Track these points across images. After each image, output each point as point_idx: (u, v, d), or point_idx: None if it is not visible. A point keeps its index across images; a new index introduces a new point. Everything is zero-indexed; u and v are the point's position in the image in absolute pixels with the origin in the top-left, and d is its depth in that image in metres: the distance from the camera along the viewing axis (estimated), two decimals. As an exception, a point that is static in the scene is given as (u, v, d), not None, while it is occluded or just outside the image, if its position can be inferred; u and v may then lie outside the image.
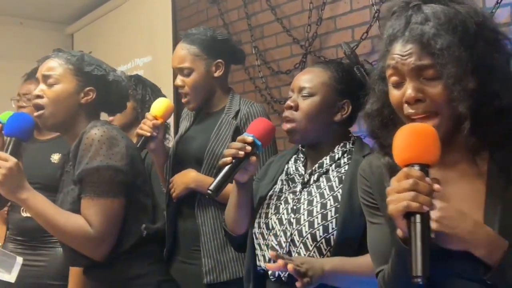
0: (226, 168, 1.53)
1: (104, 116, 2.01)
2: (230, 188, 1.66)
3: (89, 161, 1.61)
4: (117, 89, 1.82)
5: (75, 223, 1.61)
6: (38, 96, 1.72)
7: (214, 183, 1.52)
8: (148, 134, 1.98)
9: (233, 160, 1.53)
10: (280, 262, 1.37)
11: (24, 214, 2.54)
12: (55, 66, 1.74)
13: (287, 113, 1.62)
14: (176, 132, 2.77)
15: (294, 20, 3.25)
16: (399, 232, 1.04)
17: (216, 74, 2.07)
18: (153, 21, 4.48)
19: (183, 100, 2.10)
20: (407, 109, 1.11)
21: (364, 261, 1.43)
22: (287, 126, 1.62)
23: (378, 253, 1.25)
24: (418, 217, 0.99)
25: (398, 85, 1.12)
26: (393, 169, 1.12)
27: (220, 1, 3.76)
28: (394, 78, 1.13)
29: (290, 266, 1.35)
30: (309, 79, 1.62)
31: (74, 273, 2.16)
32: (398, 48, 1.10)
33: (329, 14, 3.02)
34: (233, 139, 1.97)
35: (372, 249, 1.30)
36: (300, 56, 3.18)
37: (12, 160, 1.56)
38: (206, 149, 2.00)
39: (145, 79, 2.75)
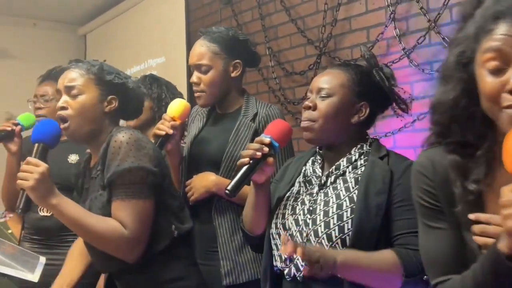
0: (244, 168, 1.54)
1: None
2: (247, 189, 1.67)
3: (120, 163, 1.60)
4: (135, 95, 1.84)
5: (109, 225, 1.59)
6: (63, 108, 1.71)
7: (232, 184, 1.53)
8: (170, 132, 1.97)
9: (251, 161, 1.54)
10: (290, 244, 1.33)
11: (41, 213, 2.57)
12: (77, 76, 1.74)
13: (305, 113, 1.62)
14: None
15: (308, 21, 3.25)
16: (502, 247, 0.93)
17: (233, 74, 2.07)
18: (166, 22, 4.50)
19: (196, 94, 2.09)
20: (508, 101, 0.97)
21: (378, 256, 1.43)
22: (304, 124, 1.62)
23: (438, 262, 1.15)
24: None
25: (498, 72, 0.99)
26: (463, 170, 1.03)
27: (234, 2, 3.77)
28: (493, 63, 0.99)
29: (299, 251, 1.32)
30: (327, 80, 1.62)
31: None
32: (506, 29, 0.97)
33: (344, 15, 3.02)
34: (252, 142, 1.98)
35: (429, 256, 1.19)
36: (314, 57, 3.19)
37: (43, 165, 1.55)
38: (225, 152, 1.99)
39: (160, 77, 2.75)
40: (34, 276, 1.39)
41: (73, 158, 2.61)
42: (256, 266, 1.95)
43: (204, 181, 2.01)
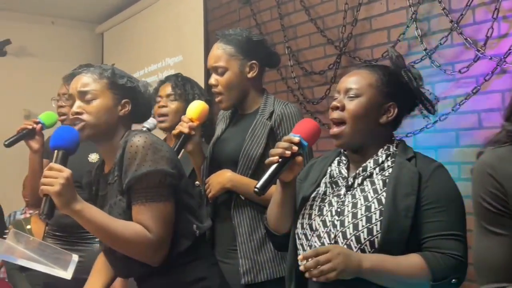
0: (273, 167, 1.54)
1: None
2: (272, 189, 1.68)
3: (138, 168, 1.61)
4: (145, 99, 1.85)
5: (134, 230, 1.59)
6: (78, 113, 1.71)
7: (261, 182, 1.53)
8: (186, 131, 1.99)
9: (280, 160, 1.55)
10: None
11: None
12: (90, 81, 1.74)
13: (334, 114, 1.62)
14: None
15: (328, 21, 3.25)
16: None
17: (249, 75, 2.08)
18: (184, 21, 4.51)
19: (216, 99, 2.12)
20: None
21: (405, 261, 1.43)
22: (334, 130, 1.62)
23: (495, 269, 1.13)
24: None
25: None
26: None
27: (252, 1, 3.78)
28: None
29: (300, 257, 1.37)
30: (356, 80, 1.62)
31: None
32: None
33: (365, 15, 3.01)
34: (268, 140, 2.00)
35: (485, 261, 1.16)
36: (333, 57, 3.19)
37: (67, 171, 1.54)
38: (241, 150, 2.01)
39: (189, 77, 2.75)
40: (67, 274, 1.40)
41: (93, 157, 2.64)
42: (274, 265, 1.96)
43: (220, 178, 2.04)
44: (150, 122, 2.58)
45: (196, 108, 2.08)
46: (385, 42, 2.91)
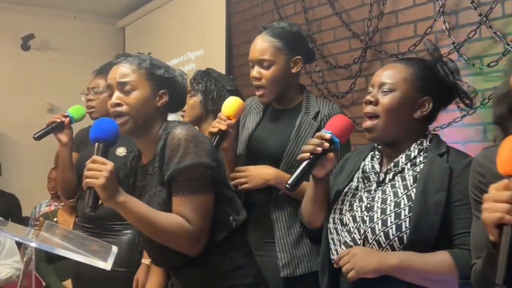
0: (304, 163, 1.56)
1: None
2: (306, 184, 1.68)
3: (180, 161, 1.61)
4: (182, 89, 1.84)
5: (175, 221, 1.60)
6: (118, 105, 1.70)
7: (293, 178, 1.55)
8: (224, 128, 1.98)
9: (311, 156, 1.55)
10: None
11: (92, 203, 2.63)
12: (129, 72, 1.71)
13: (367, 108, 1.61)
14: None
15: (353, 15, 3.24)
16: (490, 236, 1.06)
17: (293, 70, 2.06)
18: (206, 15, 4.52)
19: (257, 93, 2.08)
20: None
21: (433, 259, 1.43)
22: (367, 124, 1.62)
23: (477, 247, 1.25)
24: (509, 228, 1.01)
25: None
26: None
27: (275, -5, 3.78)
28: None
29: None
30: (390, 75, 1.60)
31: (157, 272, 2.20)
32: None
33: (391, 9, 3.00)
34: None
35: (473, 241, 1.31)
36: (358, 51, 3.18)
37: (110, 164, 1.54)
38: (286, 149, 2.00)
39: (212, 71, 2.75)
40: (107, 265, 1.43)
41: (121, 151, 2.65)
42: (312, 259, 1.97)
43: (264, 173, 2.01)
44: (173, 116, 2.57)
45: (233, 105, 2.03)
46: (412, 36, 2.90)
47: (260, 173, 2.02)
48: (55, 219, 3.24)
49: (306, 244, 1.97)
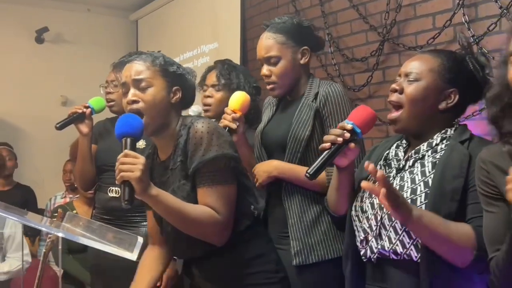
0: (325, 153, 1.57)
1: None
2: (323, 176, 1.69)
3: (205, 153, 1.66)
4: (191, 85, 1.87)
5: (205, 212, 1.65)
6: (134, 102, 1.72)
7: (313, 167, 1.56)
8: (234, 126, 2.01)
9: (332, 146, 1.56)
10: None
11: (110, 194, 2.65)
12: (144, 69, 1.74)
13: (392, 97, 1.62)
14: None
15: (370, 7, 3.23)
16: None
17: (302, 61, 2.08)
18: (220, 7, 4.51)
19: (268, 87, 2.11)
20: None
21: (455, 225, 1.42)
22: (392, 115, 1.62)
23: (492, 240, 1.27)
24: None
25: None
26: None
27: (291, -13, 3.76)
28: None
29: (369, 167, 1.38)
30: (417, 65, 1.61)
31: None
32: None
33: (409, 1, 2.98)
34: (315, 121, 2.00)
35: (487, 236, 1.32)
36: (375, 44, 3.17)
37: (142, 158, 1.57)
38: (289, 134, 2.02)
39: (236, 64, 2.74)
40: (132, 255, 1.44)
41: (140, 143, 2.66)
42: (325, 247, 1.97)
43: (265, 167, 2.05)
44: (195, 109, 2.59)
45: (238, 99, 2.09)
46: (430, 28, 2.88)
47: (263, 168, 2.06)
48: (74, 211, 3.26)
49: (320, 232, 1.98)
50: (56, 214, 2.89)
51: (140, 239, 1.46)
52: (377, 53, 3.12)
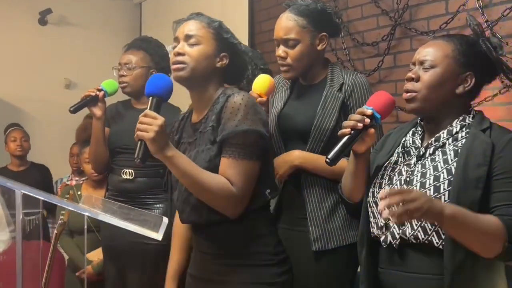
0: (345, 138, 1.58)
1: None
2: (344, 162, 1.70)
3: (238, 124, 1.68)
4: (242, 60, 1.88)
5: (219, 182, 1.67)
6: (180, 54, 1.77)
7: (332, 153, 1.57)
8: None
9: (352, 132, 1.57)
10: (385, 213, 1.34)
11: (124, 176, 2.66)
12: (198, 27, 1.79)
13: (408, 85, 1.62)
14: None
15: (382, -8, 3.22)
16: None
17: (319, 47, 2.06)
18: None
19: (282, 69, 2.10)
20: None
21: (483, 217, 1.42)
22: (407, 95, 1.63)
23: None
24: None
25: None
26: None
27: (300, -29, 3.73)
28: None
29: (381, 194, 1.36)
30: (431, 51, 1.61)
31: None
32: None
33: (421, -14, 2.98)
34: (340, 112, 2.00)
35: None
36: (386, 28, 3.16)
37: (161, 118, 1.60)
38: (313, 124, 2.01)
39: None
40: (158, 235, 1.44)
41: None
42: (343, 233, 2.00)
43: (287, 157, 2.05)
44: None
45: (264, 83, 2.06)
46: (443, 13, 2.88)
47: (284, 158, 2.05)
48: (78, 192, 3.27)
49: (339, 218, 2.00)
50: (68, 195, 2.90)
51: (165, 219, 1.46)
52: (388, 38, 3.12)
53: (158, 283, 2.24)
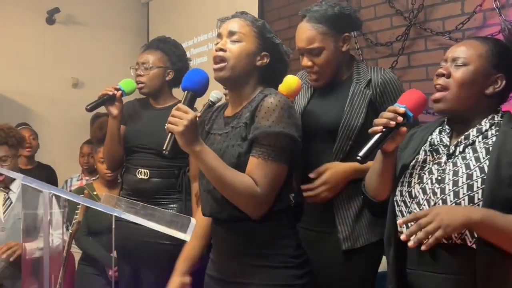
0: (376, 136, 1.56)
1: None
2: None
3: (272, 125, 1.68)
4: (283, 61, 1.88)
5: (244, 181, 1.67)
6: (221, 49, 1.78)
7: (364, 150, 1.56)
8: None
9: (384, 129, 1.56)
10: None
11: (139, 176, 2.64)
12: (242, 25, 1.80)
13: (439, 80, 1.62)
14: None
15: (396, -8, 3.21)
16: None
17: (344, 49, 2.04)
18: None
19: (311, 78, 2.07)
20: None
21: None
22: (436, 95, 1.62)
23: None
24: None
25: None
26: None
27: (313, -30, 3.72)
28: None
29: (399, 222, 1.41)
30: (464, 50, 1.61)
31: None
32: None
33: (437, -14, 2.97)
34: (368, 109, 1.97)
35: None
36: (400, 28, 3.16)
37: (192, 113, 1.62)
38: (341, 121, 1.98)
39: None
40: (186, 236, 1.42)
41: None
42: (370, 231, 1.99)
43: (340, 174, 1.98)
44: (215, 95, 2.54)
45: (291, 84, 2.04)
46: (458, 14, 2.87)
47: (337, 176, 1.99)
48: (94, 192, 3.25)
49: (365, 217, 1.99)
50: (83, 195, 2.88)
51: (193, 220, 1.44)
52: (403, 38, 3.11)
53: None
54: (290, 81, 2.04)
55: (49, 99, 5.29)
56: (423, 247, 1.44)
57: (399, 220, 1.45)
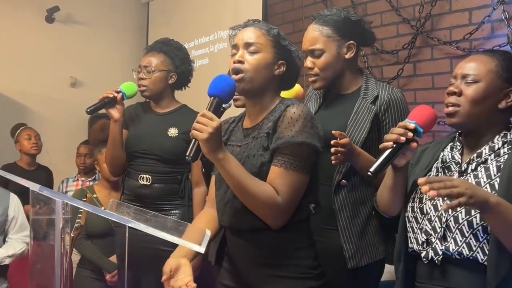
0: (387, 152, 1.56)
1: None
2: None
3: (295, 135, 1.67)
4: (296, 66, 1.87)
5: (265, 190, 1.66)
6: (240, 62, 1.77)
7: (375, 166, 1.55)
8: None
9: (394, 145, 1.55)
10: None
11: (141, 182, 2.61)
12: (258, 35, 1.78)
13: (450, 99, 1.61)
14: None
15: (403, 0, 3.19)
16: None
17: (347, 56, 2.04)
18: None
19: (310, 79, 2.09)
20: None
21: None
22: (449, 109, 1.61)
23: None
24: None
25: None
26: None
27: (319, -24, 3.71)
28: None
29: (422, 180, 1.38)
30: (474, 66, 1.60)
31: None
32: None
33: (444, -5, 2.96)
34: (372, 125, 1.97)
35: None
36: (406, 36, 3.15)
37: (217, 120, 1.60)
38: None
39: None
40: (201, 248, 1.40)
41: (172, 131, 2.64)
42: (375, 249, 1.98)
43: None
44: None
45: (291, 90, 2.03)
46: (466, 23, 2.86)
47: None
48: (94, 195, 3.21)
49: (369, 234, 1.98)
50: (85, 199, 2.85)
51: (208, 232, 1.42)
52: (409, 46, 3.10)
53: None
54: (290, 90, 2.02)
55: (47, 98, 5.25)
56: (443, 206, 1.39)
57: (421, 179, 1.39)
